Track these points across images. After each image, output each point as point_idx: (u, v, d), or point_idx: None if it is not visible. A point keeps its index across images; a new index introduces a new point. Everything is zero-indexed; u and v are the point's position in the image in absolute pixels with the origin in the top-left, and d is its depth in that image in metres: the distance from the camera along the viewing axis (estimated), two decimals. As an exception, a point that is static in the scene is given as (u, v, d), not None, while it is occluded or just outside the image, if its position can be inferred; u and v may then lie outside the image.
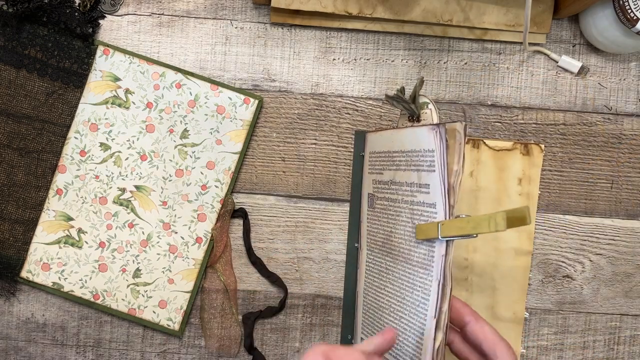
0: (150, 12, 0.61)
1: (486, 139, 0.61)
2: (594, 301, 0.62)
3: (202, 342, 0.61)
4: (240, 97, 0.60)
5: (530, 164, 0.61)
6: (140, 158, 0.60)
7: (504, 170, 0.61)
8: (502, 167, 0.61)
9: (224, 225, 0.60)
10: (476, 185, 0.60)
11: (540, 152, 0.61)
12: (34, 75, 0.59)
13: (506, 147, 0.61)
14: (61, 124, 0.60)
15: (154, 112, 0.60)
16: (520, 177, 0.61)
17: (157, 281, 0.60)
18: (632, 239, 0.62)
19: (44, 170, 0.60)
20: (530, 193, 0.61)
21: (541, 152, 0.61)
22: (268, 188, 0.61)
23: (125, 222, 0.60)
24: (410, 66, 0.61)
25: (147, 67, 0.60)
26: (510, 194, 0.60)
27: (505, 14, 0.60)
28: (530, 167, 0.60)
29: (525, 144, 0.61)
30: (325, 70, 0.61)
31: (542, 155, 0.61)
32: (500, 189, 0.60)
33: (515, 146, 0.61)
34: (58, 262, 0.60)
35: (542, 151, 0.61)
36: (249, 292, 0.61)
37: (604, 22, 0.58)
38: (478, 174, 0.61)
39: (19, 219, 0.60)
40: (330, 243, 0.61)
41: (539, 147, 0.61)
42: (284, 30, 0.61)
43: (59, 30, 0.59)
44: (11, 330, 0.61)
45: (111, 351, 0.61)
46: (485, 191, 0.60)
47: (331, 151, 0.61)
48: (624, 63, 0.62)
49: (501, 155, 0.61)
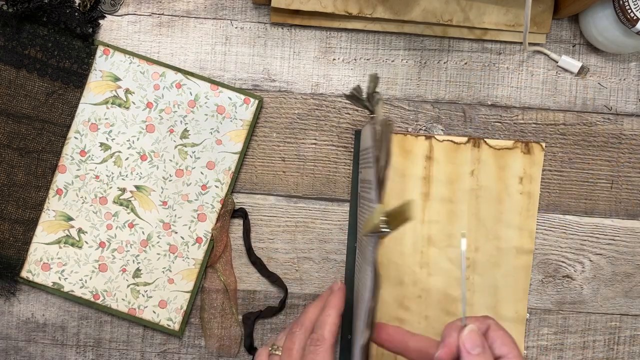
0: (150, 12, 0.61)
1: (487, 138, 0.61)
2: (594, 301, 0.62)
3: (202, 342, 0.61)
4: (240, 97, 0.60)
5: (531, 162, 0.61)
6: (140, 158, 0.60)
7: (505, 169, 0.61)
8: (502, 166, 0.61)
9: (224, 225, 0.60)
10: (477, 185, 0.60)
11: (541, 150, 0.61)
12: (34, 75, 0.59)
13: (507, 146, 0.61)
14: (61, 124, 0.60)
15: (154, 112, 0.60)
16: (521, 176, 0.61)
17: (157, 281, 0.60)
18: (632, 239, 0.62)
19: (44, 170, 0.60)
20: (532, 192, 0.61)
21: (542, 151, 0.61)
22: (268, 188, 0.61)
23: (126, 222, 0.60)
24: (410, 66, 0.61)
25: (147, 67, 0.60)
26: (511, 192, 0.60)
27: (505, 14, 0.60)
28: (531, 166, 0.60)
29: (526, 142, 0.61)
30: (325, 70, 0.61)
31: (542, 153, 0.61)
32: (500, 188, 0.60)
33: (516, 145, 0.61)
34: (58, 262, 0.60)
35: (543, 150, 0.61)
36: (249, 292, 0.61)
37: (604, 22, 0.58)
38: (479, 173, 0.61)
39: (19, 219, 0.60)
40: (330, 243, 0.61)
41: (539, 146, 0.61)
42: (284, 30, 0.61)
43: (59, 30, 0.59)
44: (11, 330, 0.61)
45: (111, 351, 0.61)
46: (486, 190, 0.60)
47: (331, 151, 0.61)
48: (624, 63, 0.62)
49: (502, 154, 0.61)
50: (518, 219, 0.60)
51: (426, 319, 0.60)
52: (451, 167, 0.60)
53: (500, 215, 0.60)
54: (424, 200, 0.60)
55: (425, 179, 0.60)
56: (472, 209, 0.60)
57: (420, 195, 0.60)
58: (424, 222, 0.60)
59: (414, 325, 0.60)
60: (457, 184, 0.60)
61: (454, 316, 0.60)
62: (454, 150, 0.60)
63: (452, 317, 0.60)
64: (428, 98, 0.61)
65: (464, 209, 0.60)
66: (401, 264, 0.60)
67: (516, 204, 0.60)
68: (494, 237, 0.60)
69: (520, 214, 0.60)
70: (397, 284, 0.60)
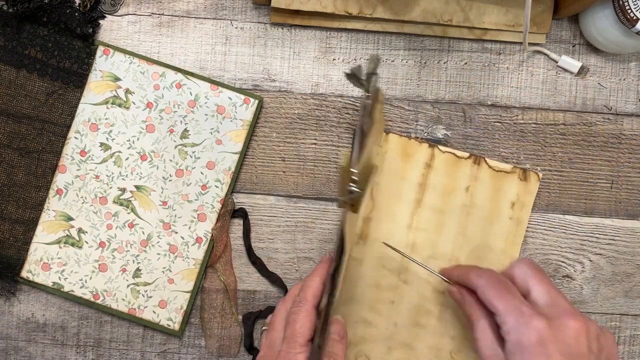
0: (150, 12, 0.61)
1: (488, 158, 0.60)
2: (594, 301, 0.62)
3: (202, 342, 0.61)
4: (240, 97, 0.60)
5: (525, 190, 0.60)
6: (140, 158, 0.60)
7: (500, 191, 0.60)
8: (498, 188, 0.60)
9: (224, 225, 0.60)
10: (470, 202, 0.60)
11: (537, 180, 0.60)
12: (34, 75, 0.59)
13: (505, 170, 0.60)
14: (61, 124, 0.60)
15: (154, 112, 0.60)
16: (514, 202, 0.60)
17: (157, 281, 0.60)
18: (632, 239, 0.62)
19: (44, 170, 0.60)
20: (521, 219, 0.60)
21: (537, 181, 0.60)
22: (268, 188, 0.61)
23: (126, 222, 0.60)
24: (410, 66, 0.61)
25: (147, 67, 0.60)
26: (501, 216, 0.60)
27: (505, 14, 0.60)
28: (525, 194, 0.60)
29: (524, 169, 0.60)
30: (325, 70, 0.61)
31: (538, 183, 0.60)
32: (492, 210, 0.60)
33: (514, 170, 0.60)
34: (58, 262, 0.60)
35: (539, 179, 0.61)
36: (249, 292, 0.61)
37: (604, 22, 0.58)
38: (474, 190, 0.60)
39: (19, 219, 0.60)
40: (330, 243, 0.61)
41: (536, 175, 0.60)
42: (284, 30, 0.61)
43: (59, 30, 0.59)
44: (11, 330, 0.61)
45: (111, 351, 0.61)
46: (477, 209, 0.60)
47: (331, 151, 0.61)
48: (624, 63, 0.62)
49: (499, 177, 0.60)
50: (503, 243, 0.60)
51: (395, 326, 0.60)
52: (448, 179, 0.60)
53: (487, 236, 0.60)
54: (415, 207, 0.60)
55: (421, 185, 0.60)
56: (461, 225, 0.60)
57: (413, 201, 0.60)
58: (412, 227, 0.60)
59: (381, 331, 0.60)
60: (451, 196, 0.60)
61: (424, 329, 0.60)
62: (454, 164, 0.60)
63: (421, 329, 0.60)
64: (428, 98, 0.61)
65: (453, 222, 0.60)
66: (382, 266, 0.60)
67: (504, 228, 0.60)
68: (476, 257, 0.60)
69: (506, 239, 0.60)
70: (374, 285, 0.60)
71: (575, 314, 0.47)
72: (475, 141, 0.61)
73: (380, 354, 0.59)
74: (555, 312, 0.48)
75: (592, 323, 0.48)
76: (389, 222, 0.60)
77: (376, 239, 0.60)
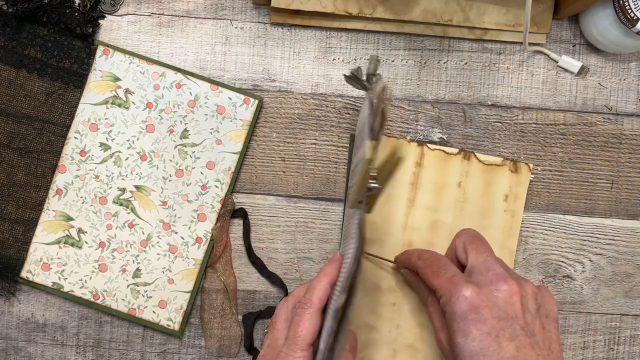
0: (150, 12, 0.61)
1: (477, 152, 0.60)
2: (594, 301, 0.62)
3: (202, 342, 0.61)
4: (240, 97, 0.60)
5: (517, 182, 0.60)
6: (140, 158, 0.60)
7: (492, 185, 0.60)
8: (489, 182, 0.60)
9: (224, 225, 0.60)
10: (463, 197, 0.60)
11: (528, 171, 0.60)
12: (34, 75, 0.59)
13: (496, 163, 0.60)
14: (61, 124, 0.60)
15: (154, 112, 0.60)
16: (507, 194, 0.60)
17: (157, 281, 0.60)
18: (632, 239, 0.62)
19: (44, 170, 0.60)
20: (515, 211, 0.60)
21: (529, 172, 0.60)
22: (268, 188, 0.61)
23: (125, 222, 0.60)
24: (410, 66, 0.61)
25: (147, 67, 0.60)
26: (495, 209, 0.60)
27: (505, 14, 0.60)
28: (517, 185, 0.60)
29: (514, 161, 0.60)
30: (325, 70, 0.61)
31: (529, 174, 0.60)
32: (485, 204, 0.60)
33: (504, 162, 0.60)
34: (58, 262, 0.60)
35: (530, 170, 0.60)
36: (249, 292, 0.61)
37: (604, 22, 0.58)
38: (466, 186, 0.60)
39: (19, 219, 0.60)
40: (330, 243, 0.61)
41: (527, 166, 0.60)
42: (284, 30, 0.61)
43: (59, 30, 0.59)
44: (11, 330, 0.61)
45: (111, 351, 0.61)
46: (471, 203, 0.60)
47: (331, 151, 0.61)
48: (624, 63, 0.62)
49: (490, 170, 0.60)
50: (501, 236, 0.60)
51: (397, 328, 0.60)
52: (439, 176, 0.60)
53: (482, 230, 0.59)
54: (409, 206, 0.60)
55: (412, 184, 0.60)
56: (455, 221, 0.60)
57: (406, 201, 0.60)
58: (407, 227, 0.60)
59: (385, 334, 0.60)
60: (443, 193, 0.60)
61: (427, 329, 0.60)
62: (444, 160, 0.60)
63: (424, 330, 0.60)
64: (428, 98, 0.61)
65: (448, 219, 0.60)
66: (380, 267, 0.60)
67: (499, 221, 0.60)
68: None
69: (502, 232, 0.60)
70: (373, 288, 0.60)
71: (507, 277, 0.48)
72: (476, 141, 0.61)
73: (385, 358, 0.59)
74: (487, 279, 0.49)
75: (528, 283, 0.49)
76: (384, 222, 0.60)
77: (371, 240, 0.60)
